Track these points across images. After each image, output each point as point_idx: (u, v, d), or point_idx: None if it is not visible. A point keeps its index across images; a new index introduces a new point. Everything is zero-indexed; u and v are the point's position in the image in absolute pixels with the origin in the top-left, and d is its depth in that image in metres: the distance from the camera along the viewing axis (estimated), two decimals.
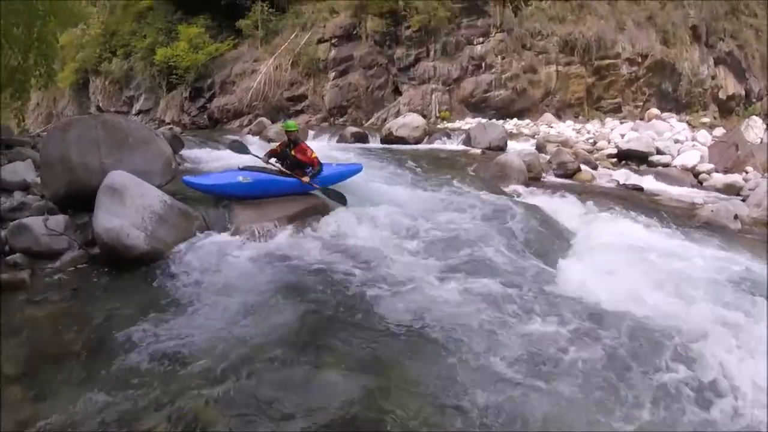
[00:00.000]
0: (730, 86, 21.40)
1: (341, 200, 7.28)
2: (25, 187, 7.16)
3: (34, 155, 8.39)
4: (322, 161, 7.44)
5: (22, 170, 7.49)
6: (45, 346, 4.18)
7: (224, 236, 6.24)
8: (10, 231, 5.76)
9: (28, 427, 3.29)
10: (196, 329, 4.31)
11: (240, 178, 6.89)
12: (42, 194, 6.76)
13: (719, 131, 15.54)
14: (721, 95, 21.10)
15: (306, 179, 7.19)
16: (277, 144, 7.70)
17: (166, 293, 4.99)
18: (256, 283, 5.19)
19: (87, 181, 6.13)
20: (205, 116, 23.33)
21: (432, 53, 20.44)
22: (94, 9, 28.19)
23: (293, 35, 22.17)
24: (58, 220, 5.92)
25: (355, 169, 8.16)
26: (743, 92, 21.85)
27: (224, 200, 6.90)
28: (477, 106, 19.96)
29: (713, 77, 20.88)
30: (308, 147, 7.33)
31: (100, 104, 28.69)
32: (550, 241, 6.95)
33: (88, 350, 4.10)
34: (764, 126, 15.23)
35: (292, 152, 7.27)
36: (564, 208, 8.52)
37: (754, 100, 22.16)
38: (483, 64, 19.89)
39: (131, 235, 5.51)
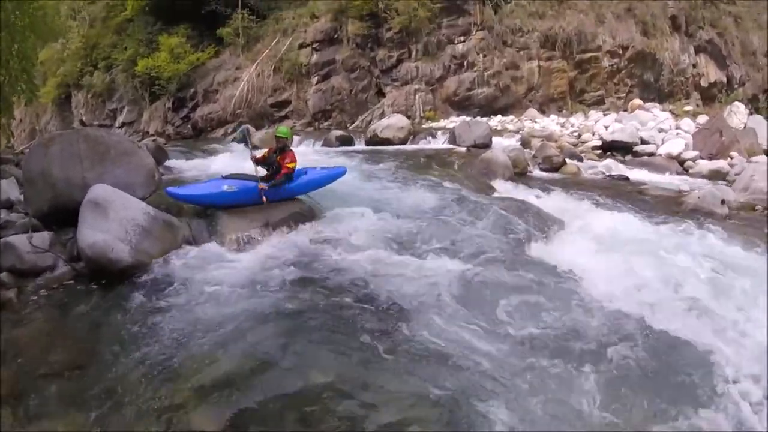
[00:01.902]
0: (712, 73, 21.67)
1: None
2: (9, 205, 7.10)
3: (17, 173, 8.35)
4: (306, 166, 7.34)
5: (5, 188, 7.42)
6: (33, 365, 4.12)
7: (209, 246, 6.20)
8: None
9: None
10: (183, 340, 4.27)
11: (225, 187, 6.84)
12: (26, 211, 6.69)
13: (703, 118, 15.67)
14: (703, 83, 21.38)
15: (263, 185, 6.98)
16: (266, 150, 7.63)
17: (152, 306, 4.93)
18: (243, 291, 5.15)
19: (70, 196, 6.08)
20: (189, 126, 23.25)
21: (414, 54, 20.48)
22: (74, 23, 28.09)
23: (274, 41, 22.17)
24: (43, 237, 5.86)
25: (339, 173, 8.12)
26: (725, 79, 22.16)
27: (209, 209, 6.85)
28: (461, 104, 20.01)
29: (694, 65, 21.13)
30: (292, 158, 7.15)
31: (83, 118, 28.52)
32: (537, 233, 6.94)
33: (77, 367, 4.06)
34: (747, 111, 15.44)
35: (278, 159, 7.21)
36: (550, 201, 8.57)
37: (735, 86, 22.50)
38: (465, 63, 19.94)
39: (116, 249, 5.46)
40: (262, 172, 7.24)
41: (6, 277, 5.47)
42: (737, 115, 15.17)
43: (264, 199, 6.83)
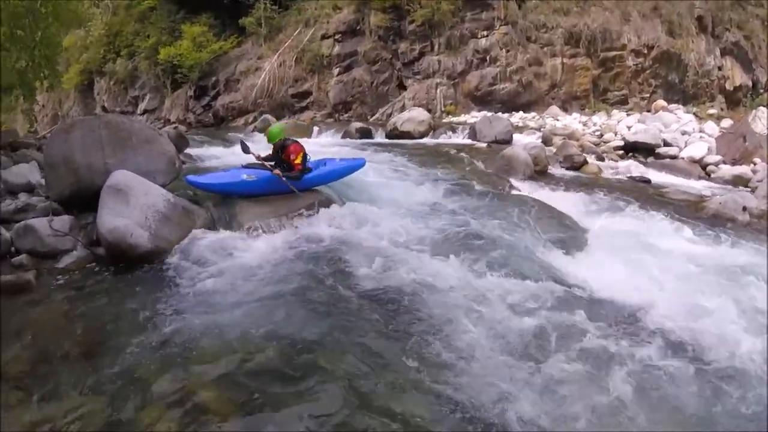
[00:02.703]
0: (737, 77, 21.23)
1: None
2: (30, 189, 7.21)
3: (38, 157, 8.45)
4: (325, 157, 7.32)
5: (26, 172, 7.53)
6: (50, 346, 4.17)
7: (227, 233, 6.24)
8: (16, 232, 5.79)
9: (34, 427, 3.29)
10: (200, 326, 4.30)
11: (244, 176, 6.87)
12: (47, 195, 6.79)
13: (727, 122, 15.32)
14: (728, 86, 20.95)
15: (277, 171, 6.92)
16: (269, 154, 7.61)
17: (170, 291, 4.99)
18: (260, 279, 5.19)
19: (91, 181, 6.16)
20: (210, 114, 23.41)
21: (436, 47, 20.33)
22: (97, 10, 28.36)
23: (297, 32, 22.18)
24: (63, 221, 5.94)
25: (359, 164, 8.10)
26: (750, 83, 21.69)
27: (228, 198, 6.89)
28: (482, 99, 19.83)
29: (720, 68, 20.72)
30: (295, 151, 7.01)
31: (105, 105, 28.85)
32: (557, 234, 6.87)
33: (93, 350, 4.10)
34: None
35: (282, 156, 7.14)
36: (571, 202, 8.46)
37: (761, 90, 21.99)
38: (488, 58, 19.71)
39: (135, 234, 5.52)
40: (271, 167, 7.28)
41: (25, 259, 5.58)
42: (762, 120, 14.81)
43: (292, 189, 6.86)
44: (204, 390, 3.51)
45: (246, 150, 7.32)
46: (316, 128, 17.20)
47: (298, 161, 7.01)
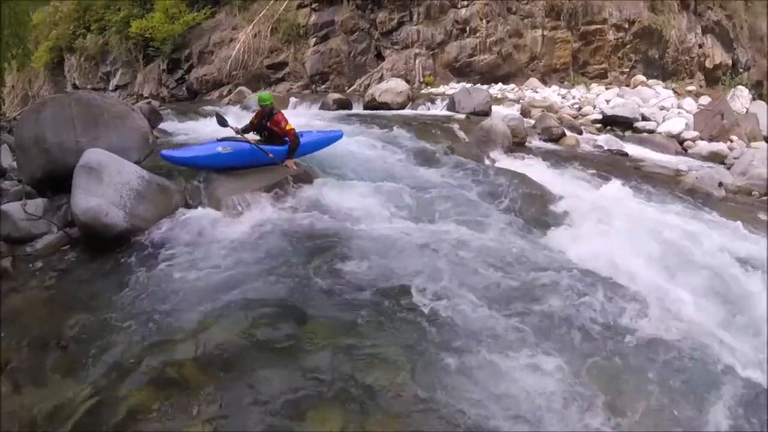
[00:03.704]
0: (717, 55, 21.40)
1: None
2: (2, 173, 7.06)
3: (9, 139, 8.20)
4: (302, 130, 7.26)
5: None
6: (31, 333, 4.13)
7: (205, 210, 6.17)
8: None
9: (19, 416, 3.28)
10: (179, 305, 4.29)
11: (220, 149, 6.76)
12: (19, 179, 6.64)
13: (705, 99, 15.55)
14: (708, 64, 21.12)
15: (290, 162, 7.06)
16: (253, 116, 7.51)
17: (148, 270, 4.92)
18: (238, 255, 5.14)
19: (63, 161, 6.00)
20: (184, 88, 22.88)
21: (415, 17, 20.03)
22: None
23: (272, 1, 21.62)
24: (37, 204, 5.82)
25: (336, 136, 8.04)
26: (730, 62, 21.92)
27: (204, 173, 6.79)
28: (461, 70, 19.70)
29: (700, 46, 20.84)
30: (284, 119, 7.06)
31: (76, 82, 28.02)
32: (534, 204, 6.97)
33: (75, 334, 4.06)
34: (750, 96, 15.36)
35: (268, 124, 7.10)
36: (547, 172, 8.57)
37: (740, 70, 22.24)
38: (467, 28, 19.52)
39: (110, 214, 5.40)
40: (254, 138, 7.19)
41: (0, 245, 5.43)
42: (740, 99, 15.14)
43: (269, 155, 6.81)
44: (185, 367, 3.53)
45: (223, 123, 7.21)
46: (293, 100, 16.89)
47: (290, 127, 7.01)
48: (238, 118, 8.14)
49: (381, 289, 4.54)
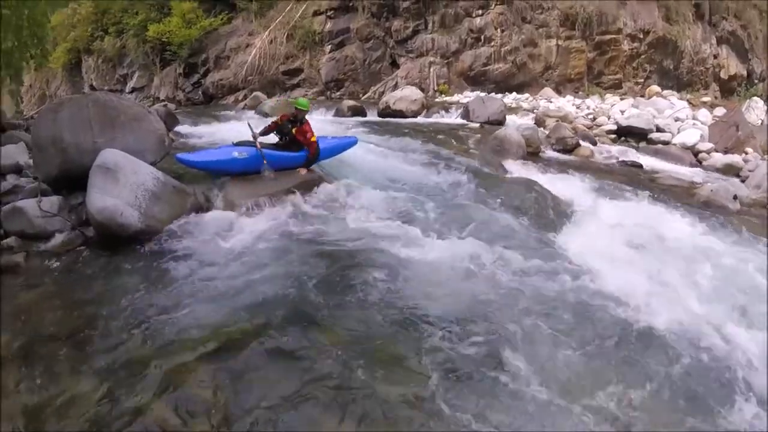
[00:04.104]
0: (732, 66, 21.25)
1: None
2: (18, 170, 7.10)
3: (26, 137, 8.30)
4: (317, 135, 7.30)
5: (14, 153, 7.41)
6: (41, 329, 4.14)
7: (218, 212, 6.21)
8: (4, 214, 5.72)
9: (26, 409, 3.29)
10: (192, 305, 4.30)
11: (235, 154, 6.78)
12: (35, 176, 6.69)
13: (720, 111, 15.36)
14: (723, 75, 20.98)
15: (304, 171, 7.10)
16: (278, 117, 7.54)
17: (161, 271, 4.95)
18: (250, 258, 5.16)
19: (79, 160, 6.04)
20: (200, 92, 23.13)
21: (430, 25, 20.11)
22: None
23: (288, 8, 21.85)
24: (52, 202, 5.87)
25: (350, 142, 8.06)
26: (745, 73, 21.76)
27: (218, 176, 6.82)
28: (476, 79, 19.73)
29: (715, 56, 20.72)
30: (310, 130, 7.11)
31: (93, 83, 28.41)
32: (548, 215, 6.91)
33: (84, 331, 4.07)
34: (765, 107, 15.19)
35: (293, 130, 7.14)
36: (562, 183, 8.48)
37: (756, 81, 22.07)
38: (482, 37, 19.57)
39: (125, 214, 5.45)
40: (273, 139, 7.25)
41: (14, 241, 5.52)
42: (756, 110, 14.94)
43: (264, 162, 6.79)
44: (193, 368, 3.52)
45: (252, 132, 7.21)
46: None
47: (314, 139, 7.08)
48: (255, 124, 8.15)
49: (391, 297, 4.52)
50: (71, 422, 3.18)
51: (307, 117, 7.26)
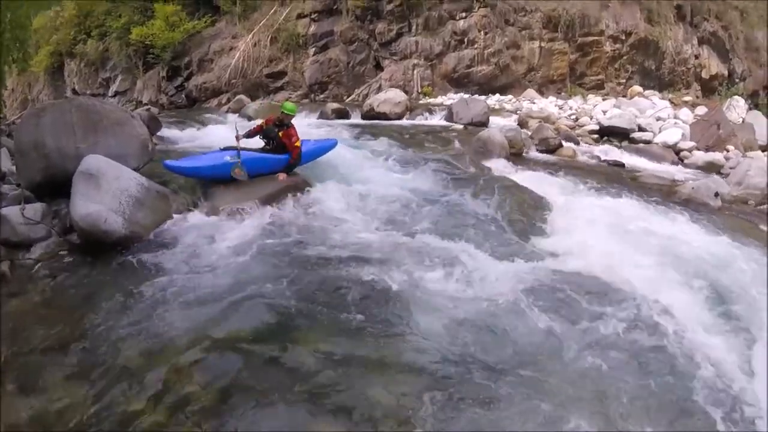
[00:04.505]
0: (713, 66, 21.57)
1: None
2: (1, 177, 6.97)
3: (8, 143, 8.14)
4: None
5: None
6: (29, 338, 4.10)
7: (203, 217, 6.20)
8: None
9: (16, 421, 3.28)
10: (177, 311, 4.29)
11: (228, 158, 6.74)
12: (18, 183, 6.59)
13: (701, 110, 15.64)
14: (704, 75, 21.29)
15: (283, 176, 7.08)
16: (262, 121, 7.53)
17: (146, 277, 4.91)
18: (235, 262, 5.16)
19: (63, 166, 6.00)
20: (183, 96, 22.94)
21: (414, 28, 20.18)
22: None
23: (272, 11, 21.76)
24: (36, 209, 5.79)
25: (330, 145, 8.06)
26: (726, 72, 22.08)
27: (202, 181, 6.79)
28: (459, 81, 19.83)
29: (696, 56, 21.02)
30: (296, 134, 7.14)
31: (76, 87, 28.07)
32: (530, 213, 7.00)
33: (72, 340, 4.04)
34: (746, 106, 15.46)
35: (280, 134, 7.13)
36: (545, 183, 8.57)
37: (736, 80, 22.41)
38: (465, 40, 19.68)
39: (109, 220, 5.41)
40: (259, 144, 7.22)
41: None
42: (736, 109, 15.24)
43: (237, 161, 6.75)
44: (183, 372, 3.52)
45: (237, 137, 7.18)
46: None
47: (299, 144, 7.10)
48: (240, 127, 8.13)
49: (373, 301, 4.55)
50: (62, 430, 3.18)
51: (292, 121, 7.28)
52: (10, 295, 4.76)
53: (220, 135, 8.32)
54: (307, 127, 11.49)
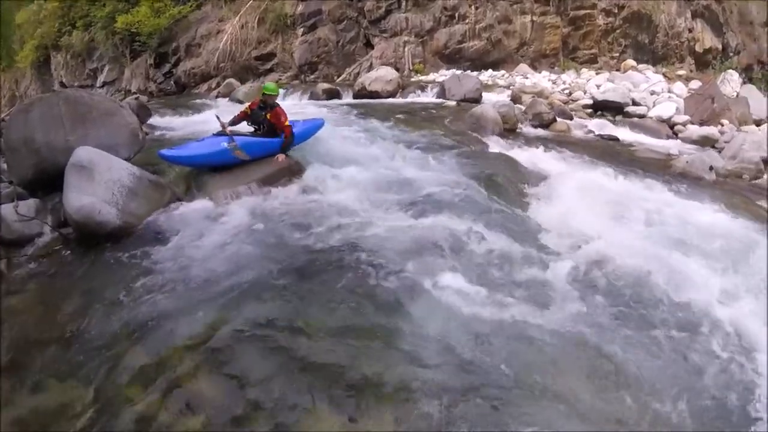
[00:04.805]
0: (707, 40, 21.39)
1: None
2: None
3: None
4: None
5: None
6: (28, 335, 4.12)
7: (197, 204, 6.16)
8: None
9: (17, 417, 3.29)
10: (175, 300, 4.29)
11: (225, 144, 6.66)
12: (10, 180, 6.58)
13: (695, 84, 15.59)
14: (698, 48, 21.11)
15: (282, 157, 7.01)
16: (246, 105, 7.43)
17: (143, 267, 4.91)
18: (232, 249, 5.14)
19: (54, 160, 5.97)
20: (172, 82, 22.79)
21: (404, 4, 19.97)
22: None
23: None
24: (29, 205, 5.79)
25: (318, 125, 8.01)
26: (720, 46, 21.91)
27: (196, 169, 6.74)
28: (451, 57, 19.67)
29: (690, 30, 20.81)
30: (283, 113, 7.06)
31: (63, 80, 27.87)
32: (524, 190, 7.01)
33: (71, 334, 4.05)
34: (740, 80, 15.41)
35: (267, 116, 7.06)
36: (539, 158, 8.55)
37: (731, 54, 22.28)
38: (456, 15, 19.47)
39: (102, 212, 5.39)
40: (248, 129, 7.18)
41: None
42: (731, 83, 15.21)
43: (239, 153, 6.73)
44: (182, 365, 3.51)
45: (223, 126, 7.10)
46: (282, 90, 16.86)
47: (288, 123, 7.03)
48: (230, 111, 8.08)
49: (373, 281, 4.54)
50: (63, 427, 3.18)
51: (280, 102, 7.19)
52: (8, 293, 4.75)
53: (212, 120, 8.18)
54: (299, 108, 11.41)
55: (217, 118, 7.17)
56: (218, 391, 3.28)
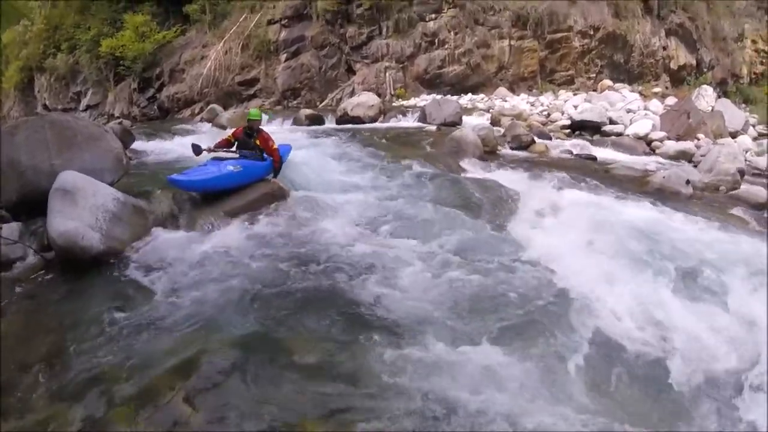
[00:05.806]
0: (682, 57, 22.00)
1: None
2: None
3: None
4: None
5: None
6: (14, 359, 4.07)
7: (180, 230, 6.20)
8: None
9: None
10: (158, 325, 4.30)
11: (231, 168, 6.70)
12: None
13: (671, 100, 15.97)
14: (673, 65, 21.70)
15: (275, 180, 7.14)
16: (230, 133, 7.53)
17: (125, 293, 4.92)
18: (216, 273, 5.17)
19: (38, 184, 5.95)
20: (156, 107, 22.79)
21: (384, 31, 20.31)
22: (36, 3, 27.13)
23: (242, 17, 21.74)
24: (12, 228, 5.76)
25: (287, 150, 8.13)
26: (694, 62, 22.53)
27: (178, 193, 6.72)
28: (431, 82, 20.00)
29: (665, 48, 21.41)
30: (270, 137, 7.23)
31: (47, 102, 27.72)
32: (503, 212, 7.12)
33: (55, 359, 4.03)
34: (715, 94, 15.81)
35: (256, 141, 7.17)
36: (518, 180, 8.69)
37: (705, 69, 22.88)
38: (436, 41, 19.86)
39: (86, 237, 5.38)
40: (232, 154, 7.25)
41: None
42: (705, 98, 15.59)
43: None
44: (166, 389, 3.51)
45: (197, 151, 7.18)
46: (265, 116, 16.89)
47: (275, 146, 7.18)
48: (213, 136, 8.15)
49: (356, 303, 4.63)
50: None
51: (262, 127, 7.31)
52: None
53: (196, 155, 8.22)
54: (282, 133, 11.49)
55: (193, 146, 7.24)
56: (202, 415, 3.30)
